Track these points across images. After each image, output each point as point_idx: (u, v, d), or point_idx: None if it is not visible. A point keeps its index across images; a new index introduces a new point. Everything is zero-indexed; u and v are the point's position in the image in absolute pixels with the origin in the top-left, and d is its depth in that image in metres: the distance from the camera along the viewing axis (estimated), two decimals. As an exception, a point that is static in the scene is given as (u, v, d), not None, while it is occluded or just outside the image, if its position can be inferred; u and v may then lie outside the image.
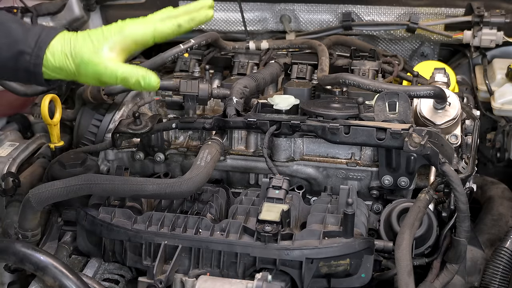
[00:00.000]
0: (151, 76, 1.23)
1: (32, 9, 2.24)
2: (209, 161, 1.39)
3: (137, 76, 1.22)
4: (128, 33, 1.25)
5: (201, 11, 1.31)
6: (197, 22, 1.31)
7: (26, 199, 1.32)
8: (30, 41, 1.21)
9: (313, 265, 1.25)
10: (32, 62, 1.22)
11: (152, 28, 1.26)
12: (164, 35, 1.28)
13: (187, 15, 1.30)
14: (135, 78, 1.22)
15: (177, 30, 1.29)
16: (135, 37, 1.25)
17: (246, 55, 2.01)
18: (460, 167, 1.47)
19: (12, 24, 1.24)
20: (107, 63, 1.21)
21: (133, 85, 1.23)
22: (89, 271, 1.37)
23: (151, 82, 1.23)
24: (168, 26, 1.28)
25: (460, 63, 2.28)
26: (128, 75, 1.21)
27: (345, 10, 2.26)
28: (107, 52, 1.22)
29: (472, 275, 1.55)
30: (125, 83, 1.22)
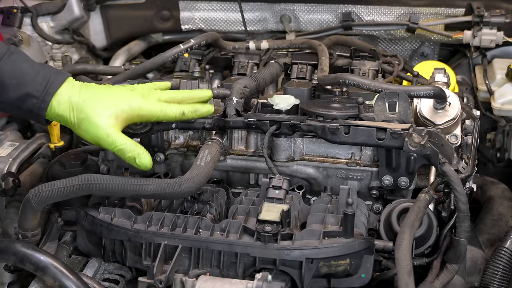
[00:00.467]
0: (146, 156, 1.31)
1: (32, 9, 2.25)
2: (209, 161, 1.39)
3: (133, 153, 1.30)
4: (137, 108, 1.32)
5: (204, 105, 1.44)
6: (199, 115, 1.44)
7: (26, 199, 1.32)
8: (39, 85, 1.26)
9: (313, 265, 1.25)
10: (38, 106, 1.26)
11: (159, 110, 1.35)
12: (167, 118, 1.38)
13: (192, 106, 1.41)
14: (131, 154, 1.30)
15: (180, 117, 1.39)
16: (142, 113, 1.33)
17: (246, 55, 2.01)
18: (460, 167, 1.47)
19: (23, 64, 1.27)
20: (110, 130, 1.28)
21: (127, 159, 1.31)
22: (89, 271, 1.37)
23: (144, 162, 1.31)
24: (173, 111, 1.38)
25: (460, 63, 2.28)
26: (126, 149, 1.29)
27: (345, 10, 2.26)
28: (112, 118, 1.28)
29: (472, 275, 1.55)
30: (120, 154, 1.30)
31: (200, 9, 2.37)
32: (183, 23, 2.39)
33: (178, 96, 1.41)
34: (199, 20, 2.38)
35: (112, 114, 1.28)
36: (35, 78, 1.26)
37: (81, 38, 2.34)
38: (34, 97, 1.25)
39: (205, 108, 1.45)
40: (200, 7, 2.36)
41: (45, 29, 2.27)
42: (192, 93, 1.45)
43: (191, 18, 2.38)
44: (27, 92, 1.25)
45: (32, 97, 1.25)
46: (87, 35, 2.40)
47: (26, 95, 1.25)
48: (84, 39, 2.35)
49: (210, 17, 2.37)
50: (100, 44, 2.44)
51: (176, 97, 1.41)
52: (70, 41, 2.32)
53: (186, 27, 2.40)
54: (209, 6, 2.35)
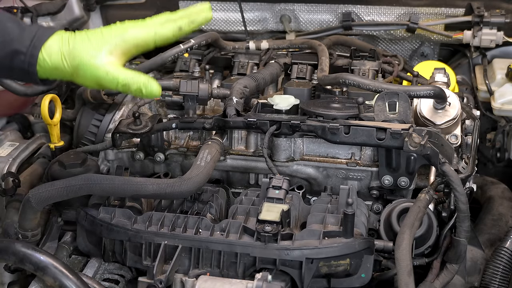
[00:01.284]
0: (153, 83, 1.22)
1: (32, 9, 2.25)
2: (209, 161, 1.39)
3: (139, 83, 1.21)
4: (129, 36, 1.24)
5: (200, 14, 1.31)
6: (197, 24, 1.31)
7: (26, 199, 1.32)
8: (26, 40, 1.19)
9: (313, 265, 1.25)
10: (27, 61, 1.20)
11: (153, 31, 1.26)
12: (164, 38, 1.27)
13: (187, 18, 1.30)
14: (137, 85, 1.21)
15: (178, 32, 1.28)
16: (136, 40, 1.24)
17: (246, 55, 2.01)
18: (460, 167, 1.48)
19: (8, 23, 1.21)
20: (108, 68, 1.20)
21: (134, 92, 1.22)
22: (89, 271, 1.37)
23: (152, 90, 1.22)
24: (168, 29, 1.27)
25: (460, 63, 2.28)
26: (129, 82, 1.20)
27: (345, 10, 2.26)
28: (107, 56, 1.21)
29: (472, 275, 1.55)
30: (125, 90, 1.21)
31: (200, 9, 2.36)
32: (183, 23, 2.39)
33: (173, 16, 1.31)
34: (199, 20, 2.38)
35: (106, 51, 1.21)
36: (21, 34, 1.20)
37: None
38: (21, 53, 1.19)
39: (201, 16, 1.32)
40: (200, 7, 2.36)
41: (45, 29, 2.27)
42: (188, 9, 1.33)
43: (191, 18, 2.38)
44: (14, 49, 1.19)
45: (19, 53, 1.19)
46: (87, 35, 2.39)
47: (13, 52, 1.19)
48: (84, 39, 2.35)
49: (210, 17, 2.37)
50: (100, 44, 2.44)
51: (171, 17, 1.30)
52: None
53: (186, 27, 2.40)
54: (209, 6, 2.35)
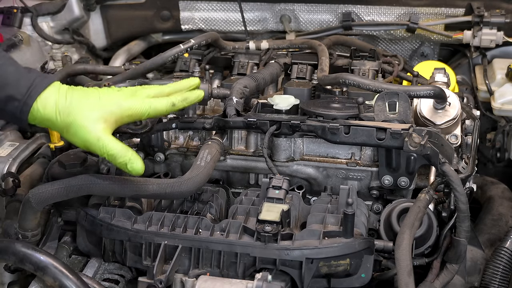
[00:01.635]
0: (138, 162, 1.26)
1: (32, 9, 2.25)
2: (209, 161, 1.39)
3: (125, 158, 1.24)
4: (126, 107, 1.27)
5: (193, 92, 1.39)
6: (189, 102, 1.39)
7: (26, 199, 1.32)
8: (22, 87, 1.21)
9: (313, 265, 1.25)
10: (20, 108, 1.21)
11: (148, 106, 1.30)
12: (158, 112, 1.33)
13: (180, 95, 1.36)
14: (123, 159, 1.24)
15: (171, 108, 1.34)
16: (131, 112, 1.28)
17: (246, 55, 2.01)
18: (460, 167, 1.47)
19: (8, 67, 1.23)
20: (100, 134, 1.22)
21: (119, 165, 1.25)
22: (89, 271, 1.37)
23: (136, 168, 1.26)
24: (163, 104, 1.33)
25: (460, 63, 2.28)
26: (117, 155, 1.24)
27: (345, 10, 2.26)
28: (101, 122, 1.23)
29: (472, 275, 1.55)
30: (111, 159, 1.25)
31: (200, 9, 2.37)
32: (183, 23, 2.40)
33: (166, 90, 1.36)
34: (199, 20, 2.38)
35: (101, 117, 1.24)
36: (19, 81, 1.21)
37: (81, 38, 2.34)
38: (16, 100, 1.20)
39: (194, 94, 1.40)
40: (200, 7, 2.36)
41: (45, 29, 2.27)
42: (179, 84, 1.40)
43: (191, 18, 2.39)
44: (9, 95, 1.20)
45: (14, 99, 1.20)
46: (87, 35, 2.40)
47: (8, 98, 1.20)
48: (84, 39, 2.35)
49: (210, 17, 2.37)
50: (100, 44, 2.44)
51: (164, 91, 1.36)
52: (70, 41, 2.32)
53: (186, 27, 2.40)
54: (209, 6, 2.35)
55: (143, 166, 1.27)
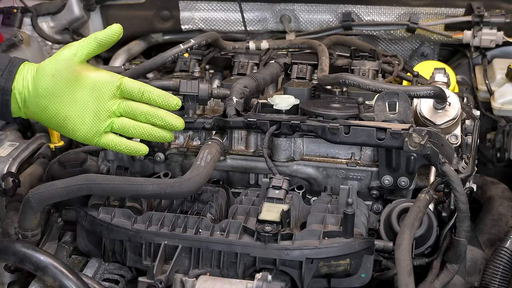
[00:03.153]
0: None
1: (32, 9, 2.25)
2: (209, 161, 1.39)
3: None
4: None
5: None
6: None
7: (26, 199, 1.32)
8: (3, 59, 1.23)
9: (313, 265, 1.25)
10: (5, 78, 1.22)
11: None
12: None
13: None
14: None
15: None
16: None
17: (246, 55, 2.01)
18: (460, 167, 1.48)
19: None
20: None
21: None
22: (89, 271, 1.37)
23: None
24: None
25: (460, 63, 2.28)
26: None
27: (345, 10, 2.26)
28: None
29: (472, 275, 1.55)
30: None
31: (200, 9, 2.37)
32: (183, 23, 2.40)
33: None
34: (199, 20, 2.38)
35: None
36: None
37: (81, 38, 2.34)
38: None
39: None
40: (200, 7, 2.36)
41: (45, 29, 2.27)
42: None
43: (191, 18, 2.39)
44: None
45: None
46: (87, 35, 2.39)
47: None
48: (84, 39, 2.35)
49: (210, 17, 2.37)
50: (100, 44, 2.44)
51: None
52: (70, 41, 2.32)
53: (186, 27, 2.40)
54: (209, 6, 2.35)
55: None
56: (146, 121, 1.30)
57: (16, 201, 1.59)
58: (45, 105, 1.25)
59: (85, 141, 1.29)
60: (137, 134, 1.30)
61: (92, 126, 1.28)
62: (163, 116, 1.30)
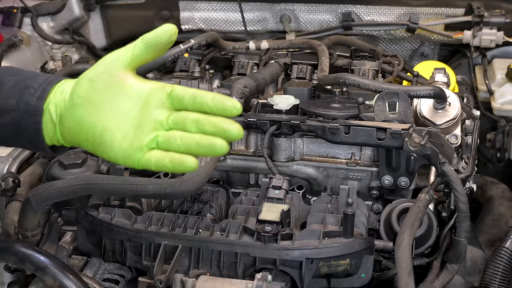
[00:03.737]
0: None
1: (32, 9, 2.25)
2: (209, 161, 1.39)
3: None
4: None
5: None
6: None
7: (26, 199, 1.32)
8: (40, 79, 1.07)
9: (313, 265, 1.25)
10: (37, 96, 1.05)
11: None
12: None
13: None
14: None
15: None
16: None
17: (246, 55, 2.01)
18: (460, 167, 1.47)
19: (23, 70, 1.12)
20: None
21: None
22: (89, 271, 1.37)
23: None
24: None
25: (460, 63, 2.28)
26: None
27: (345, 10, 2.26)
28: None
29: (472, 275, 1.55)
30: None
31: (200, 9, 2.37)
32: (183, 23, 2.40)
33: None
34: (199, 20, 2.38)
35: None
36: (36, 75, 1.09)
37: (81, 38, 2.34)
38: (32, 88, 1.04)
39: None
40: (200, 7, 2.36)
41: (45, 29, 2.27)
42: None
43: (191, 18, 2.39)
44: (26, 85, 1.05)
45: (30, 88, 1.04)
46: (87, 35, 2.40)
47: (24, 87, 1.05)
48: (84, 39, 2.35)
49: (210, 17, 2.37)
50: (100, 44, 2.44)
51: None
52: (70, 41, 2.32)
53: (186, 27, 2.40)
54: (209, 6, 2.35)
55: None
56: (197, 130, 1.02)
57: (16, 201, 1.58)
58: (81, 116, 1.03)
59: (126, 158, 1.02)
60: (184, 145, 1.02)
61: (134, 139, 1.02)
62: (216, 121, 1.01)
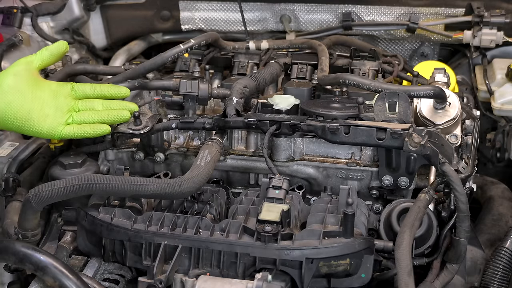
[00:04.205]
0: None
1: (32, 9, 2.25)
2: (209, 161, 1.39)
3: None
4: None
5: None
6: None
7: (26, 199, 1.32)
8: None
9: (313, 265, 1.25)
10: None
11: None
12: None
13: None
14: None
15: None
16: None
17: (246, 55, 2.01)
18: (460, 167, 1.47)
19: None
20: None
21: None
22: (89, 271, 1.37)
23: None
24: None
25: (460, 63, 2.28)
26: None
27: (345, 10, 2.26)
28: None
29: (472, 275, 1.55)
30: None
31: (200, 9, 2.37)
32: (183, 23, 2.40)
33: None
34: (199, 20, 2.38)
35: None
36: None
37: (81, 38, 2.34)
38: None
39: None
40: (200, 7, 2.36)
41: (45, 29, 2.27)
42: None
43: (191, 18, 2.39)
44: None
45: None
46: (87, 35, 2.40)
47: None
48: (84, 39, 2.35)
49: (210, 17, 2.37)
50: (100, 44, 2.44)
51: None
52: (70, 41, 2.32)
53: (186, 27, 2.40)
54: (209, 6, 2.35)
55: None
56: (103, 108, 1.50)
57: (16, 201, 1.58)
58: (10, 100, 1.41)
59: (50, 131, 1.44)
60: (97, 116, 1.48)
61: (54, 118, 1.44)
62: (111, 89, 1.54)
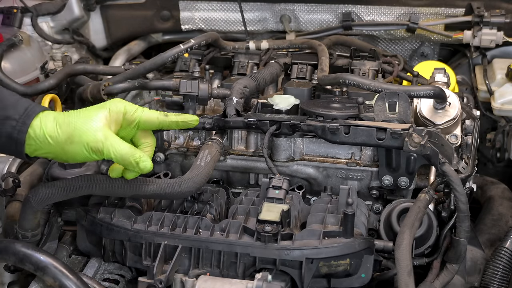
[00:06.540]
0: (148, 159, 1.23)
1: (32, 9, 2.25)
2: (209, 161, 1.39)
3: (135, 157, 1.21)
4: (120, 109, 1.24)
5: (187, 124, 1.34)
6: (183, 118, 1.33)
7: (26, 199, 1.32)
8: (20, 108, 1.19)
9: (313, 265, 1.25)
10: (18, 129, 1.18)
11: (141, 110, 1.27)
12: (150, 118, 1.28)
13: (175, 118, 1.32)
14: (133, 158, 1.21)
15: (163, 118, 1.30)
16: (125, 112, 1.25)
17: (246, 55, 2.01)
18: (460, 167, 1.48)
19: (4, 91, 1.23)
20: (107, 134, 1.19)
21: (129, 164, 1.22)
22: (89, 271, 1.37)
23: (147, 165, 1.23)
24: (155, 112, 1.30)
25: (460, 63, 2.29)
26: (126, 153, 1.21)
27: (345, 10, 2.26)
28: (105, 123, 1.21)
29: (472, 275, 1.55)
30: (119, 160, 1.21)
31: (200, 9, 2.37)
32: (183, 23, 2.40)
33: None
34: (199, 20, 2.38)
35: (103, 117, 1.21)
36: (16, 103, 1.20)
37: (81, 38, 2.34)
38: (13, 120, 1.18)
39: (187, 125, 1.34)
40: (200, 7, 2.36)
41: (45, 29, 2.27)
42: (180, 116, 1.34)
43: (191, 18, 2.39)
44: (6, 115, 1.18)
45: (11, 119, 1.18)
46: (87, 35, 2.40)
47: (5, 118, 1.18)
48: (84, 39, 2.35)
49: (210, 17, 2.37)
50: (100, 44, 2.44)
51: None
52: (70, 41, 2.32)
53: (186, 27, 2.40)
54: (209, 6, 2.35)
55: (151, 165, 1.24)
56: None
57: (16, 201, 1.58)
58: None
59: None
60: None
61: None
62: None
